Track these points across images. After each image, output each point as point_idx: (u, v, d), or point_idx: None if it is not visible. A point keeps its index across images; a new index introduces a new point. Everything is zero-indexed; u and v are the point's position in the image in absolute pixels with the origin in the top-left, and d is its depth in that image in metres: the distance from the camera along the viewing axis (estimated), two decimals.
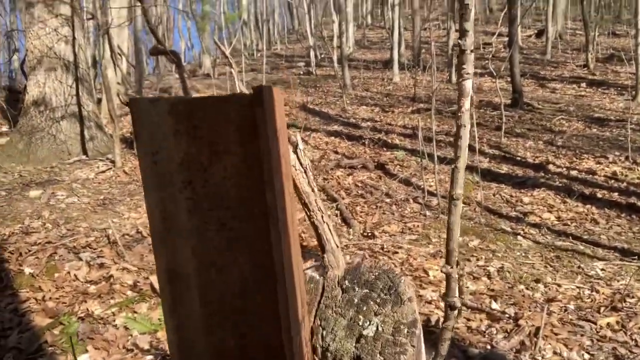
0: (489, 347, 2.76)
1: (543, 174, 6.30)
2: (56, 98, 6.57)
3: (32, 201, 4.85)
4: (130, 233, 4.15)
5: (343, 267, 1.71)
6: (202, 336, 0.88)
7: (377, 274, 1.32)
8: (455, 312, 1.80)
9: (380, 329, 1.19)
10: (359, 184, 5.88)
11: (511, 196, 5.63)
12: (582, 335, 2.86)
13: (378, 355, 1.18)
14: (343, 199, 5.24)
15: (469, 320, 3.04)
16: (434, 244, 4.21)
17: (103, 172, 5.94)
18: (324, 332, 1.24)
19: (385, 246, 4.08)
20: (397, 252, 3.97)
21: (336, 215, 4.75)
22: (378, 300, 1.24)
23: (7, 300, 3.09)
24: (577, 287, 3.50)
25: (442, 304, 3.06)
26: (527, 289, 3.47)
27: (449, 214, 1.72)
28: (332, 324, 1.24)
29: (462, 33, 1.44)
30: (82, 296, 3.12)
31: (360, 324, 1.22)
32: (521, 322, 2.95)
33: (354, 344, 1.20)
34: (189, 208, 0.86)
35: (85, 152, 6.60)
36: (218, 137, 0.82)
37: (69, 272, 3.42)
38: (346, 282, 1.31)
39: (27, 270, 3.40)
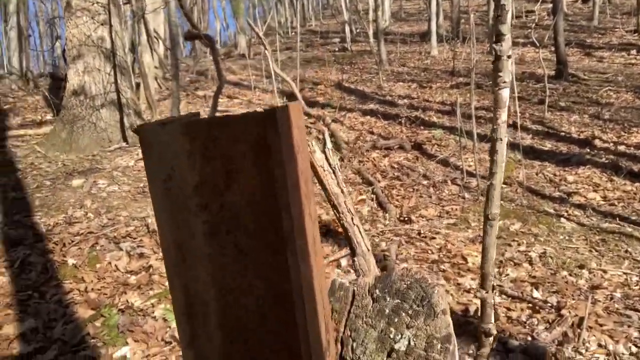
0: (529, 338, 2.68)
1: (588, 150, 6.04)
2: (95, 86, 6.70)
3: (75, 190, 4.99)
4: None
5: (374, 271, 1.67)
6: None
7: (409, 283, 1.27)
8: (491, 338, 1.73)
9: (412, 343, 1.15)
10: (395, 166, 5.78)
11: (555, 175, 5.42)
12: (629, 326, 2.74)
13: None
14: (379, 182, 5.17)
15: (509, 310, 2.96)
16: (473, 229, 4.11)
17: (142, 159, 6.05)
18: (354, 344, 1.21)
19: (422, 231, 4.01)
20: (434, 238, 3.90)
21: (372, 200, 4.69)
22: (410, 312, 1.20)
23: (52, 291, 3.20)
24: (624, 273, 3.35)
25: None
26: (570, 275, 3.35)
27: (483, 235, 1.64)
28: (362, 335, 1.20)
29: (498, 37, 1.33)
30: (123, 287, 3.20)
31: (392, 336, 1.18)
32: (564, 311, 2.85)
33: (385, 359, 1.17)
34: (205, 232, 0.83)
35: (125, 139, 6.73)
36: (233, 157, 0.79)
37: (109, 263, 3.51)
38: (377, 290, 1.27)
39: (71, 261, 3.51)
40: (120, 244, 3.75)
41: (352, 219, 1.64)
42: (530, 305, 2.99)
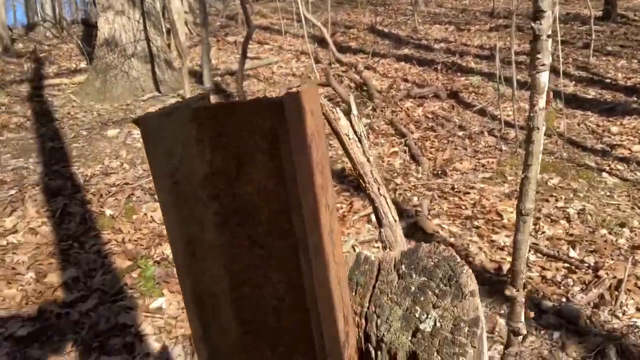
0: (564, 300, 2.63)
1: (635, 99, 5.72)
2: (125, 34, 6.66)
3: (110, 140, 5.06)
4: None
5: (402, 243, 1.63)
6: (238, 354, 0.84)
7: (436, 260, 1.23)
8: (520, 337, 1.68)
9: (438, 324, 1.12)
10: (430, 116, 5.62)
11: (597, 125, 5.18)
12: None
13: (435, 354, 1.11)
14: (412, 133, 5.05)
15: (543, 269, 2.90)
16: (510, 183, 3.99)
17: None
18: (379, 321, 1.19)
19: (456, 186, 3.93)
20: (468, 193, 3.81)
21: (404, 152, 4.60)
22: (437, 292, 1.16)
23: (91, 241, 3.30)
24: None
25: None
26: (610, 234, 3.24)
27: (516, 230, 1.56)
28: (387, 312, 1.18)
29: (537, 14, 1.20)
30: (158, 239, 3.27)
31: (417, 316, 1.15)
32: (601, 272, 2.78)
33: (409, 338, 1.14)
34: (217, 223, 0.80)
35: (157, 88, 6.73)
36: (244, 146, 0.74)
37: (145, 214, 3.58)
38: (403, 266, 1.23)
39: (108, 212, 3.60)
40: (155, 196, 3.81)
41: (378, 189, 1.58)
42: (566, 264, 2.92)
